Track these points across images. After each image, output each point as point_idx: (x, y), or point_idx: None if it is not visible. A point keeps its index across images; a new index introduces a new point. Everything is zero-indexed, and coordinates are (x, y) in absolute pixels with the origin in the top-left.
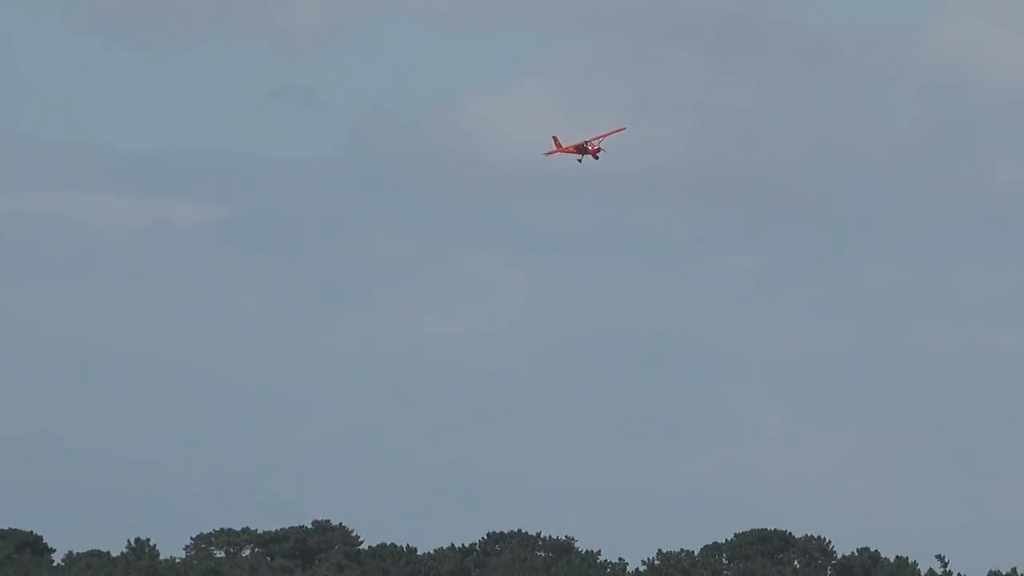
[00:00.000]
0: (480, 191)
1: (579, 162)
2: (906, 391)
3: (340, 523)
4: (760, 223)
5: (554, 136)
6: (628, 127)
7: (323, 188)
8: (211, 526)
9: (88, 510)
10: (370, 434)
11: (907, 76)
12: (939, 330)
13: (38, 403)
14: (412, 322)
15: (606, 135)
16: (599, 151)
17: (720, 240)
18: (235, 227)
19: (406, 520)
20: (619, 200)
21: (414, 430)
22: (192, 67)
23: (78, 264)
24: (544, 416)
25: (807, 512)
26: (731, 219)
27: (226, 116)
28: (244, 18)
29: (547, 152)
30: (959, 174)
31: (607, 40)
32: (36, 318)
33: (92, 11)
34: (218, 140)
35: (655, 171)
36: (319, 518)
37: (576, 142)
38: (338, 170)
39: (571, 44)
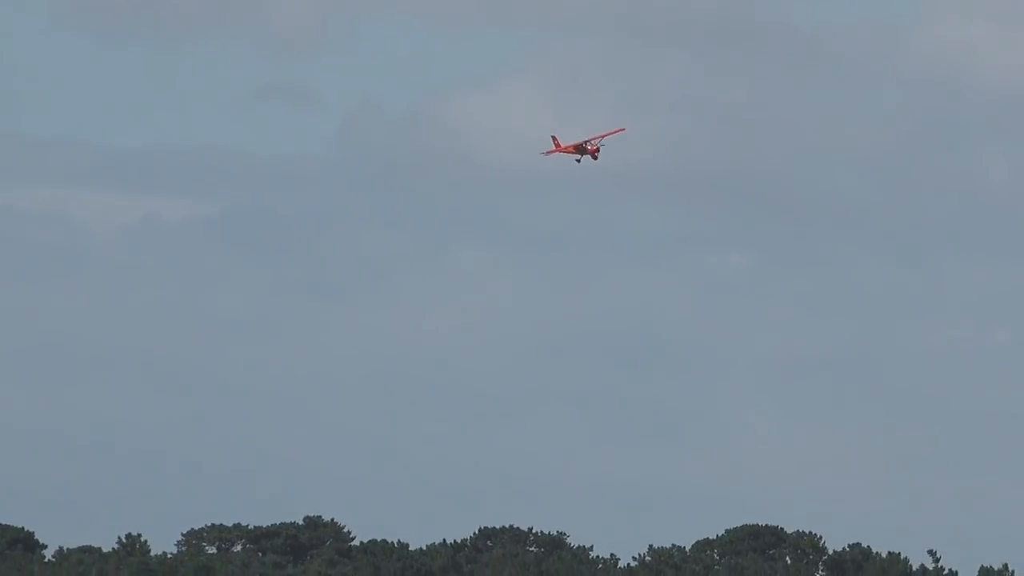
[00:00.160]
0: (471, 189)
1: (578, 162)
2: (898, 388)
3: (331, 519)
4: (750, 221)
5: (553, 136)
6: (615, 125)
7: (313, 185)
8: (202, 522)
9: (79, 506)
10: (361, 430)
11: (896, 74)
12: (930, 327)
13: (28, 399)
14: (403, 319)
15: (605, 135)
16: (598, 151)
17: (711, 238)
18: (225, 224)
19: (398, 516)
20: (610, 198)
21: (406, 426)
22: (182, 64)
23: (68, 261)
24: (536, 412)
25: (798, 508)
26: (721, 217)
27: (216, 113)
28: (234, 16)
29: (546, 152)
30: (949, 171)
31: (596, 38)
32: (26, 315)
33: (81, 8)
34: (208, 137)
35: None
36: (310, 514)
37: (575, 142)
38: (328, 167)
39: (560, 42)
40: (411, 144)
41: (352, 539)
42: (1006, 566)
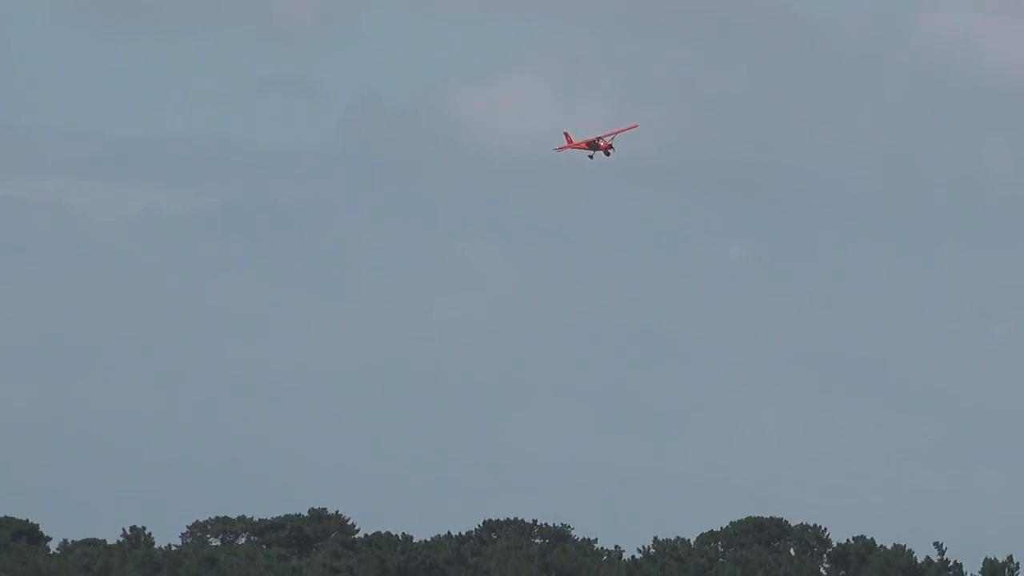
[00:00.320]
0: (472, 181)
1: (590, 158)
2: (901, 380)
3: (336, 511)
4: (752, 212)
5: (565, 132)
6: (617, 117)
7: (315, 178)
8: (207, 514)
9: (84, 499)
10: (366, 423)
11: (898, 65)
12: (932, 319)
13: (31, 391)
14: (405, 311)
15: (618, 132)
16: (611, 147)
17: (712, 229)
18: (226, 216)
19: (402, 508)
20: (611, 190)
21: (410, 418)
22: (184, 56)
23: (69, 251)
24: (540, 404)
25: (803, 500)
26: (723, 208)
27: (218, 105)
28: (236, 8)
29: (558, 148)
30: (950, 163)
31: (597, 30)
32: (27, 306)
33: (83, 0)
34: (210, 129)
35: (646, 161)
36: (315, 506)
37: (588, 138)
38: (330, 159)
39: (562, 34)
40: (413, 136)
41: (356, 531)
42: (1011, 558)
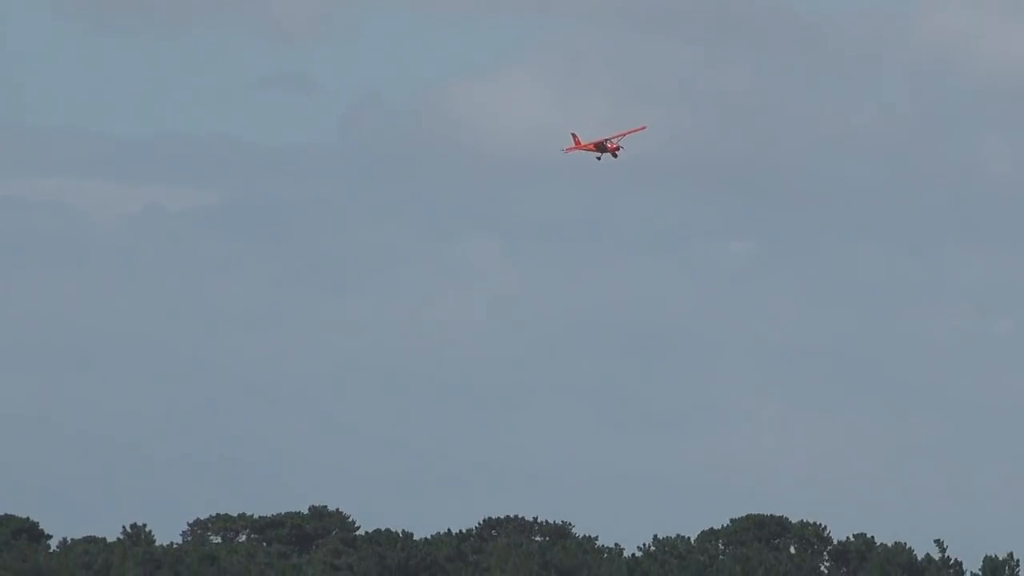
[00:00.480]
0: (472, 179)
1: (598, 160)
2: (901, 377)
3: (337, 509)
4: (752, 209)
5: (573, 133)
6: (617, 116)
7: (315, 175)
8: (207, 512)
9: (84, 496)
10: (366, 420)
11: (897, 63)
12: (932, 316)
13: (32, 389)
14: (405, 309)
15: (626, 133)
16: (618, 149)
17: (712, 227)
18: (227, 213)
19: (403, 506)
20: (611, 187)
21: (410, 416)
22: (184, 54)
23: (70, 250)
24: (540, 402)
25: (803, 498)
26: (723, 206)
27: (218, 103)
28: (236, 5)
29: (566, 149)
30: (950, 161)
31: (598, 27)
32: (28, 304)
33: None
34: (210, 127)
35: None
36: (316, 504)
37: (596, 139)
38: (330, 157)
39: (562, 31)
40: (413, 135)
41: (357, 529)
42: (1011, 555)
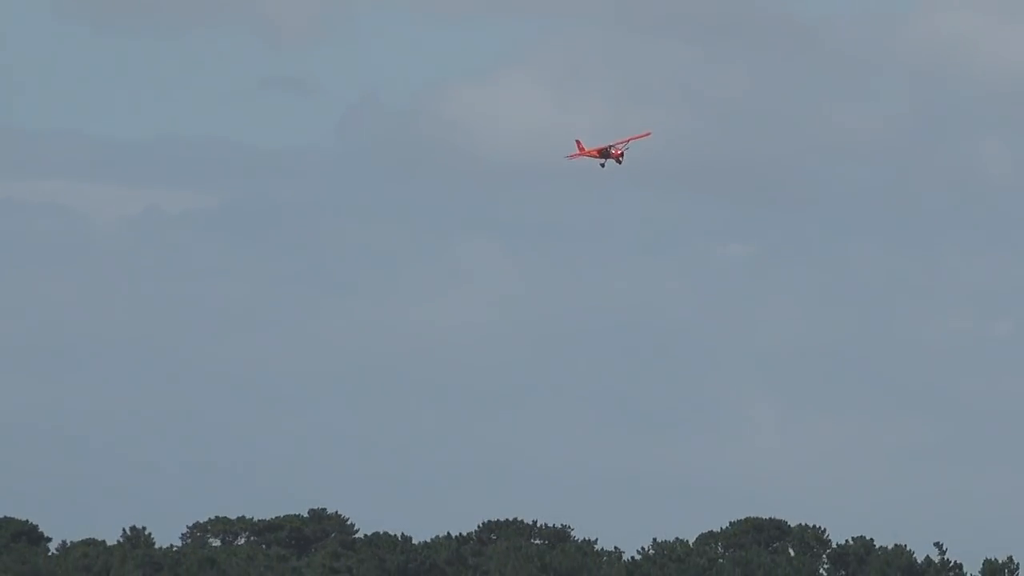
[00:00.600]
0: (471, 181)
1: (602, 166)
2: (900, 380)
3: (336, 512)
4: (751, 211)
5: (577, 140)
6: (616, 117)
7: (313, 177)
8: (207, 514)
9: (83, 499)
10: (366, 423)
11: (895, 65)
12: (931, 319)
13: (31, 392)
14: (404, 311)
15: (630, 140)
16: (623, 155)
17: (711, 228)
18: (225, 216)
19: (402, 508)
20: (610, 189)
21: (410, 419)
22: (183, 56)
23: (69, 252)
24: (539, 405)
25: (802, 501)
26: (721, 208)
27: (217, 105)
28: (233, 7)
29: (570, 155)
30: (949, 162)
31: (596, 29)
32: (27, 307)
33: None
34: (209, 129)
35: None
36: (315, 507)
37: (599, 146)
38: (328, 160)
39: (560, 33)
40: (411, 136)
41: (356, 532)
42: (1011, 558)
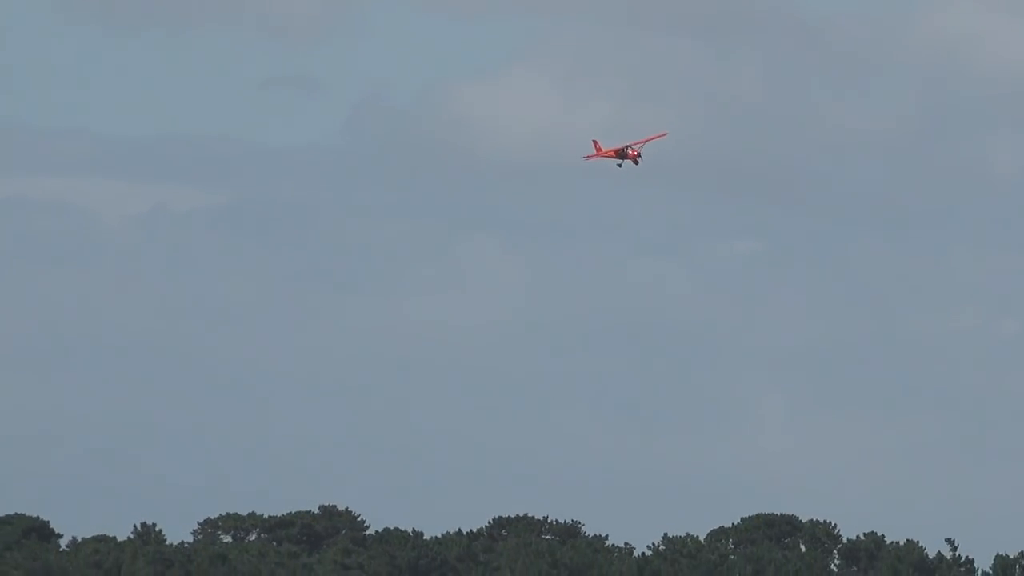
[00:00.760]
0: (477, 178)
1: (619, 167)
2: (911, 377)
3: (347, 508)
4: (759, 209)
5: (594, 140)
6: (621, 116)
7: (320, 175)
8: (218, 511)
9: (94, 495)
10: (376, 420)
11: (903, 63)
12: (941, 316)
13: (41, 389)
14: (414, 308)
15: (646, 140)
16: (639, 156)
17: (718, 226)
18: (232, 213)
19: (413, 505)
20: (618, 187)
21: (421, 416)
22: (190, 54)
23: (77, 250)
24: (551, 401)
25: (813, 497)
26: (731, 205)
27: (224, 103)
28: (241, 5)
29: (586, 156)
30: (957, 161)
31: (604, 27)
32: (36, 303)
33: None
34: (215, 127)
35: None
36: (326, 503)
37: (616, 146)
38: (335, 157)
39: (568, 32)
40: (418, 134)
41: (367, 528)
42: (1022, 554)
